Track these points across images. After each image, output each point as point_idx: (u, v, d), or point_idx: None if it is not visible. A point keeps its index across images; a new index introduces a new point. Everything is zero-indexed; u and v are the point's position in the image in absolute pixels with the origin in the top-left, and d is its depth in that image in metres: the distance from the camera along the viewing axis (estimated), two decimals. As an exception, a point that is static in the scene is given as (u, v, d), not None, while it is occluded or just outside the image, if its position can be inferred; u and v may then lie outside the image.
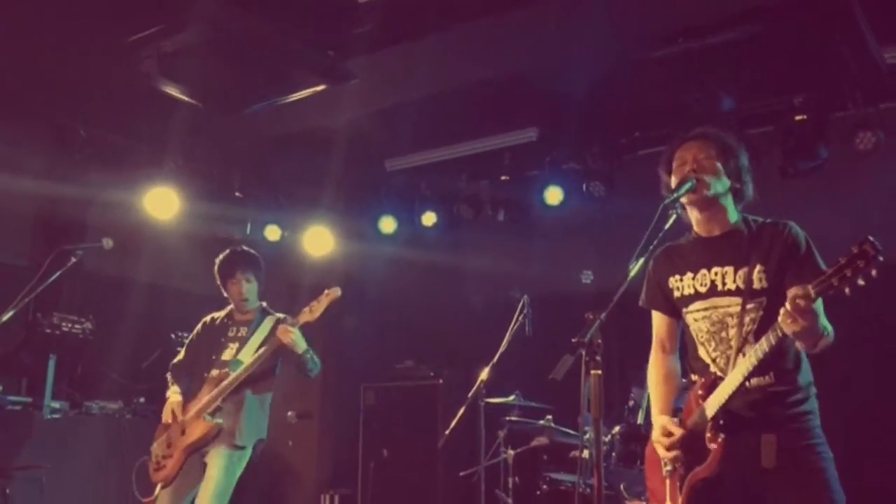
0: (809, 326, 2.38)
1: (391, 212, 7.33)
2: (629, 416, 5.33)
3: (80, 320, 5.64)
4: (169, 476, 4.43)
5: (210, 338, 4.78)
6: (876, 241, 2.26)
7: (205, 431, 4.39)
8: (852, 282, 2.27)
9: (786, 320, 2.39)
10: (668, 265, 2.97)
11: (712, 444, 2.68)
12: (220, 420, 4.41)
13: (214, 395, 4.43)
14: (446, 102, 5.86)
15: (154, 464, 4.55)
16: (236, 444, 4.43)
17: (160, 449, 4.56)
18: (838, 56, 4.92)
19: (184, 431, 4.48)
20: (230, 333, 4.74)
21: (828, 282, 2.32)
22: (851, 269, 2.27)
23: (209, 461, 4.41)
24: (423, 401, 6.88)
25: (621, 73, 5.36)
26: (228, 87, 5.31)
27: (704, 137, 2.90)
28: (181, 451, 4.44)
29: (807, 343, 2.51)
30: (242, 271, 4.72)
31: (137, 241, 6.50)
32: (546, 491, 5.28)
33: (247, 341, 4.62)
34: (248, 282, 4.74)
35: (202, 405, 4.46)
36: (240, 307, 4.79)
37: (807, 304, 2.35)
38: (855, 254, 2.27)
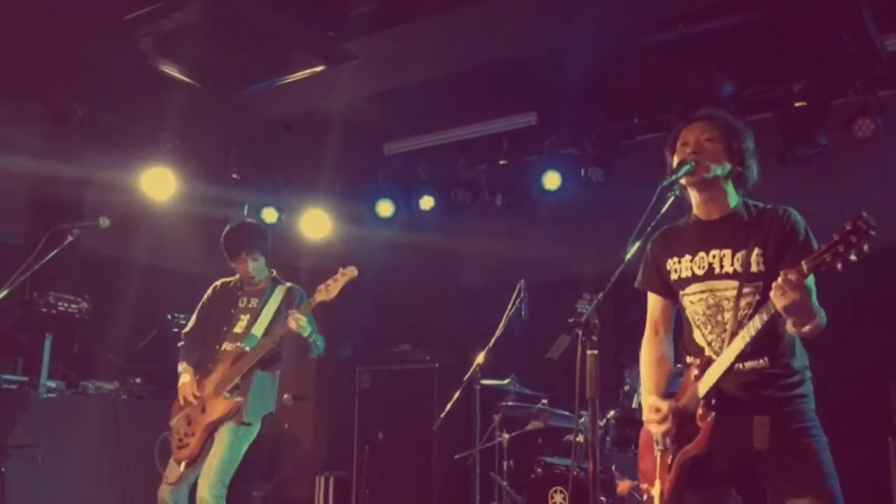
0: (800, 302, 2.37)
1: (389, 195, 7.32)
2: (624, 401, 5.35)
3: (76, 300, 5.63)
4: (193, 454, 4.49)
5: (221, 305, 4.80)
6: (870, 217, 2.25)
7: (227, 409, 4.45)
8: (845, 257, 2.27)
9: (776, 293, 2.39)
10: (666, 247, 2.97)
11: (702, 423, 2.69)
12: (240, 398, 4.46)
13: (233, 372, 4.48)
14: (445, 86, 5.84)
15: (177, 441, 4.59)
16: (243, 421, 4.47)
17: (181, 426, 4.59)
18: (838, 43, 4.91)
19: (204, 409, 4.52)
20: (241, 304, 4.76)
21: (821, 257, 2.32)
22: (844, 245, 2.26)
23: (216, 436, 4.46)
24: (418, 384, 6.89)
25: (621, 58, 5.35)
26: (226, 67, 5.28)
27: (710, 119, 2.88)
28: (203, 429, 4.49)
29: (798, 321, 2.48)
30: (248, 251, 4.71)
31: (134, 222, 6.48)
32: (540, 474, 5.30)
33: (258, 313, 4.64)
34: (255, 260, 4.74)
35: (220, 382, 4.50)
36: (248, 282, 4.81)
37: (797, 278, 2.35)
38: (848, 230, 2.27)
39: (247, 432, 4.52)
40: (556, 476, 5.20)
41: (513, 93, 6.09)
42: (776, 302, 2.40)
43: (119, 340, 6.30)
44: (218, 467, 4.36)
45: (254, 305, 4.71)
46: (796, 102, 5.39)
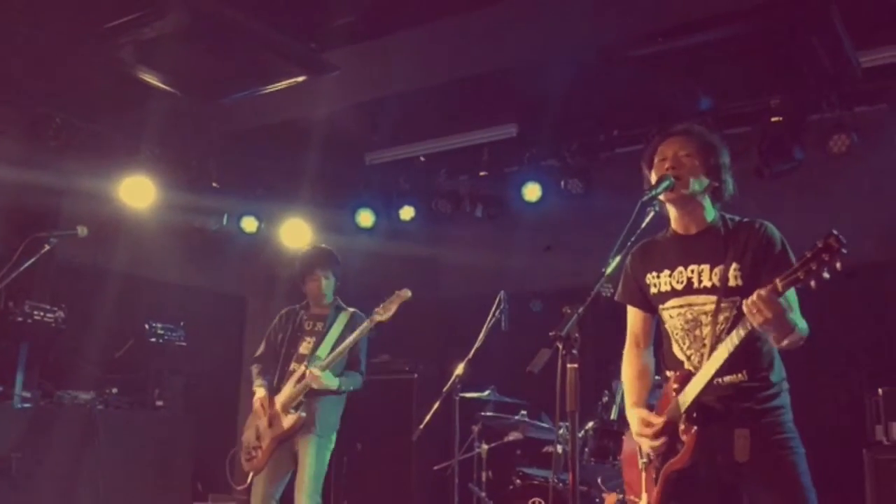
0: (774, 319, 2.40)
1: (369, 205, 7.32)
2: (603, 412, 5.37)
3: (52, 309, 5.57)
4: (260, 465, 4.82)
5: (287, 331, 5.08)
6: (840, 235, 2.29)
7: (291, 424, 4.76)
8: (818, 275, 2.31)
9: (751, 310, 2.42)
10: (646, 262, 2.99)
11: (685, 436, 2.71)
12: (304, 413, 4.76)
13: (299, 389, 4.78)
14: (426, 97, 5.86)
15: (245, 454, 4.93)
16: (318, 434, 4.80)
17: (251, 440, 4.92)
18: (814, 59, 4.98)
19: (271, 424, 4.83)
20: (307, 327, 5.06)
21: (794, 275, 2.35)
22: (817, 263, 2.30)
23: (300, 450, 4.80)
24: (398, 395, 6.88)
25: (601, 71, 5.39)
26: (207, 75, 5.26)
27: (686, 134, 2.91)
28: (270, 442, 4.81)
29: (775, 337, 2.53)
30: (322, 269, 5.03)
31: (112, 231, 6.43)
32: (519, 486, 5.30)
33: (324, 336, 4.94)
34: (327, 279, 5.04)
35: (286, 399, 4.81)
36: (317, 302, 5.09)
37: (770, 296, 2.38)
38: (820, 248, 2.30)
39: (327, 442, 4.86)
40: (535, 487, 5.19)
41: (493, 104, 6.12)
42: (751, 320, 2.44)
43: (96, 350, 6.24)
44: (310, 478, 4.70)
45: (319, 329, 5.02)
46: (773, 117, 5.46)
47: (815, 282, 2.32)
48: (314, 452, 4.76)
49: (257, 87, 5.44)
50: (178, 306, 6.70)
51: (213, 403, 7.14)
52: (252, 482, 4.88)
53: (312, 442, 4.78)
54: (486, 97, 5.96)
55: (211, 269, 7.50)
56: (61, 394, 5.57)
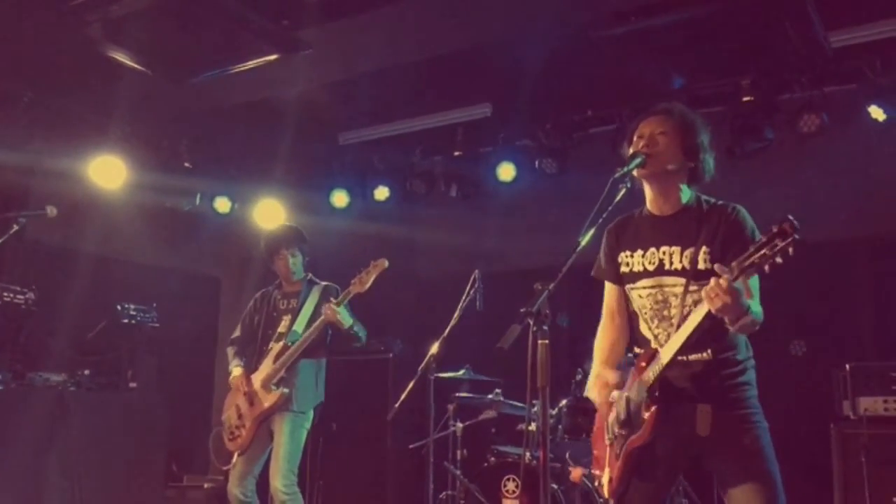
0: (730, 304, 2.43)
1: (343, 186, 7.29)
2: (576, 390, 5.42)
3: (22, 290, 5.50)
4: (244, 444, 4.86)
5: (263, 313, 5.13)
6: (794, 220, 2.32)
7: (273, 401, 4.78)
8: (771, 259, 2.34)
9: (708, 297, 2.46)
10: (620, 240, 3.01)
11: (647, 413, 2.75)
12: (287, 389, 4.80)
13: (277, 366, 4.82)
14: (400, 76, 5.83)
15: (228, 433, 4.96)
16: (294, 410, 4.82)
17: (232, 420, 4.95)
18: (785, 39, 5.01)
19: (252, 402, 4.86)
20: (281, 306, 5.10)
21: (749, 260, 2.38)
22: (770, 248, 2.33)
23: (275, 428, 4.83)
24: (373, 375, 6.88)
25: (574, 50, 5.39)
26: (178, 54, 5.20)
27: (666, 113, 2.92)
28: (253, 421, 4.84)
29: (730, 320, 2.56)
30: (287, 247, 5.07)
31: (83, 211, 6.35)
32: (494, 463, 5.35)
33: (299, 312, 4.99)
34: (294, 256, 5.09)
35: (266, 376, 4.84)
36: (288, 279, 5.14)
37: (726, 283, 2.42)
38: (775, 232, 2.33)
39: (303, 420, 4.87)
40: (509, 464, 5.25)
41: (468, 84, 6.10)
42: (708, 304, 2.48)
43: (67, 331, 6.17)
44: (285, 458, 4.72)
45: (293, 305, 5.06)
46: (744, 97, 5.49)
47: (769, 266, 2.36)
48: (289, 430, 4.79)
49: (229, 66, 5.37)
50: (151, 287, 6.64)
51: (188, 384, 7.11)
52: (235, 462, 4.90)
53: (288, 419, 4.81)
54: (461, 76, 5.94)
55: (184, 249, 7.44)
56: (32, 375, 5.51)
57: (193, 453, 7.04)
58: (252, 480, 4.90)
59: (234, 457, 4.92)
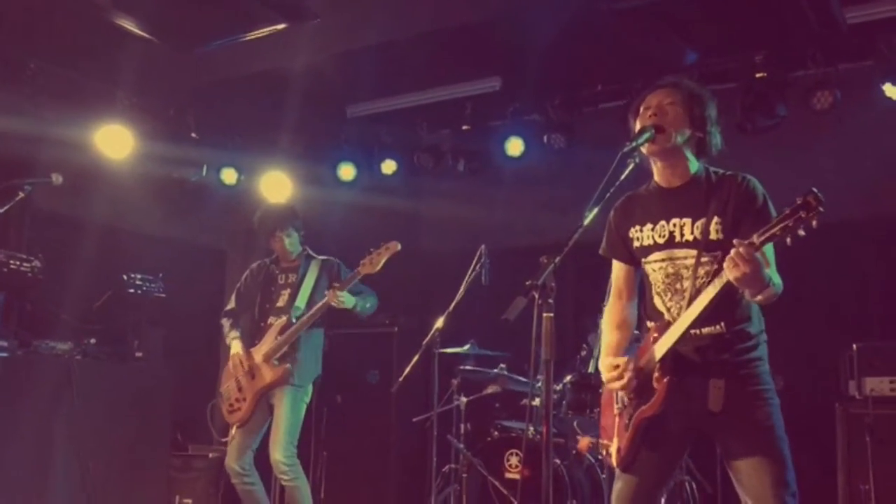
0: (752, 274, 2.41)
1: (350, 158, 7.24)
2: (580, 366, 5.42)
3: (28, 258, 5.49)
4: (244, 418, 4.92)
5: (259, 286, 5.16)
6: (819, 192, 2.29)
7: (276, 376, 4.85)
8: (794, 231, 2.32)
9: (728, 265, 2.43)
10: (629, 215, 2.99)
11: (657, 385, 2.74)
12: (289, 364, 4.85)
13: (281, 341, 4.86)
14: (408, 48, 5.76)
15: (228, 406, 5.01)
16: (295, 384, 4.88)
17: (232, 392, 4.99)
18: (800, 15, 4.93)
19: (253, 376, 4.91)
20: (280, 281, 5.15)
21: (771, 231, 2.37)
22: (794, 220, 2.31)
23: (275, 402, 4.89)
24: (378, 348, 6.90)
25: (585, 24, 5.32)
26: (185, 22, 5.15)
27: (674, 85, 2.90)
28: (253, 395, 4.89)
29: (751, 292, 2.55)
30: (281, 229, 5.10)
31: (89, 180, 6.33)
32: (497, 437, 5.36)
33: (299, 287, 5.03)
34: (289, 236, 5.11)
35: (269, 350, 4.88)
36: (285, 258, 5.20)
37: (748, 251, 2.39)
38: (798, 204, 2.31)
39: (303, 394, 4.94)
40: (513, 439, 5.26)
41: (477, 57, 6.03)
42: (728, 274, 2.45)
43: (74, 300, 6.17)
44: (285, 430, 4.78)
45: (293, 280, 5.09)
46: (757, 73, 5.42)
47: (790, 238, 2.34)
48: (290, 404, 4.85)
49: (237, 35, 5.33)
50: (157, 258, 6.62)
51: (193, 355, 7.13)
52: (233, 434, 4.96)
53: (289, 393, 4.86)
54: (470, 49, 5.87)
55: (190, 220, 7.43)
56: (38, 344, 5.52)
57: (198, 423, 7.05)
58: (250, 454, 4.95)
59: (232, 429, 4.96)
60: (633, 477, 2.86)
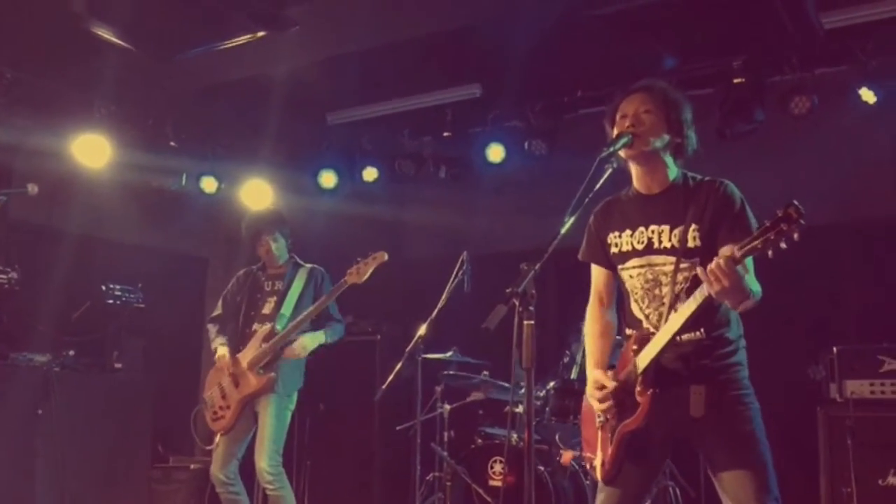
0: (732, 287, 2.42)
1: (332, 166, 7.22)
2: (563, 372, 5.41)
3: (5, 270, 5.43)
4: (228, 425, 4.86)
5: (245, 293, 5.10)
6: (800, 205, 2.29)
7: (261, 384, 4.79)
8: (776, 244, 2.31)
9: (709, 279, 2.43)
10: (608, 221, 2.99)
11: (641, 398, 2.73)
12: (273, 374, 4.79)
13: (266, 349, 4.80)
14: (389, 55, 5.76)
15: (212, 413, 4.96)
16: (280, 392, 4.84)
17: (216, 399, 4.94)
18: (777, 20, 4.97)
19: (237, 383, 4.85)
20: (266, 288, 5.10)
21: (752, 244, 2.36)
22: (775, 233, 2.30)
23: (260, 410, 4.84)
24: (361, 356, 6.86)
25: (565, 30, 5.34)
26: (163, 30, 5.12)
27: (648, 90, 2.89)
28: (237, 403, 4.84)
29: (731, 303, 2.56)
30: (268, 233, 5.06)
31: (66, 190, 6.28)
32: (481, 445, 5.35)
33: (285, 294, 4.97)
34: (275, 241, 5.07)
35: (254, 358, 4.82)
36: (271, 264, 5.14)
37: (728, 265, 2.39)
38: (779, 217, 2.30)
39: (288, 403, 4.90)
40: (497, 446, 5.25)
41: (457, 64, 6.04)
42: (709, 288, 2.45)
43: (51, 312, 6.11)
44: (270, 438, 4.74)
45: (279, 288, 5.03)
46: (735, 78, 5.46)
47: (772, 251, 2.33)
48: (275, 412, 4.81)
49: (215, 43, 5.29)
50: (137, 267, 6.58)
51: (174, 365, 7.07)
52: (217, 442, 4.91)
53: (273, 401, 4.82)
54: (450, 56, 5.88)
55: (170, 229, 7.38)
56: (16, 356, 5.47)
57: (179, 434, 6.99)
58: (235, 463, 4.90)
59: (216, 437, 4.92)
60: (616, 489, 2.85)
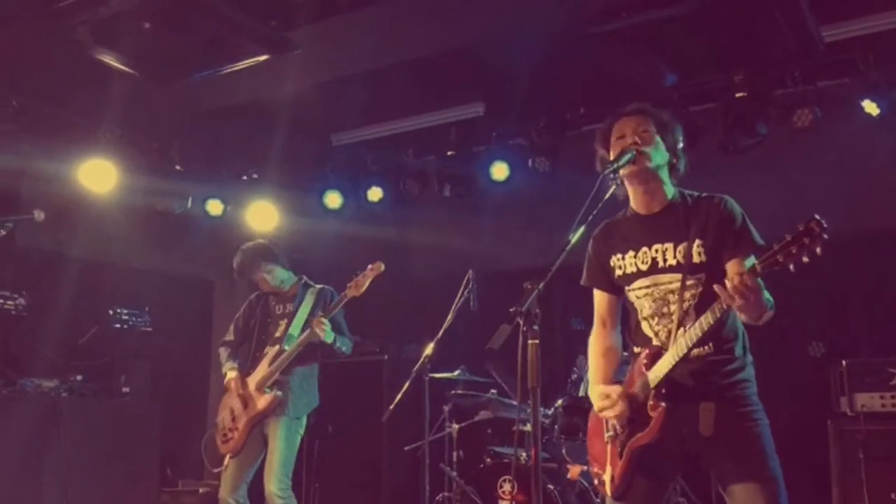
0: (755, 301, 2.43)
1: (337, 187, 7.25)
2: (571, 389, 5.39)
3: (13, 296, 5.46)
4: (236, 447, 4.83)
5: (257, 316, 5.11)
6: (822, 219, 2.29)
7: (267, 404, 4.77)
8: (797, 258, 2.31)
9: (731, 295, 2.43)
10: (609, 244, 2.99)
11: (653, 413, 2.72)
12: (280, 392, 4.78)
13: (273, 369, 4.81)
14: (392, 76, 5.80)
15: (221, 436, 4.95)
16: (289, 415, 4.81)
17: (226, 422, 4.94)
18: (777, 34, 4.99)
19: (246, 405, 4.86)
20: (277, 311, 5.09)
21: (773, 258, 2.36)
22: (797, 247, 2.30)
23: (270, 433, 4.81)
24: (368, 376, 6.85)
25: (567, 48, 5.37)
26: (167, 55, 5.16)
27: (642, 113, 2.92)
28: (245, 424, 4.83)
29: (751, 317, 2.56)
30: (258, 268, 5.01)
31: (73, 215, 6.31)
32: (490, 464, 5.32)
33: (294, 316, 4.95)
34: (269, 273, 5.01)
35: (261, 378, 4.84)
36: (278, 292, 5.11)
37: (752, 280, 2.40)
38: (801, 231, 2.31)
39: (297, 426, 4.87)
40: (506, 465, 5.21)
41: (460, 83, 6.07)
42: (731, 303, 2.46)
43: (59, 337, 6.13)
44: (280, 462, 4.71)
45: (289, 310, 5.02)
46: (737, 93, 5.46)
47: (793, 265, 2.33)
48: (284, 435, 4.78)
49: (218, 67, 5.35)
50: (143, 291, 6.60)
51: (181, 388, 7.07)
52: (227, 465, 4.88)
53: (283, 424, 4.80)
54: (453, 75, 5.91)
55: (176, 253, 7.40)
56: (24, 381, 5.47)
57: (188, 458, 6.99)
58: (244, 487, 4.87)
59: (225, 459, 4.90)
60: None
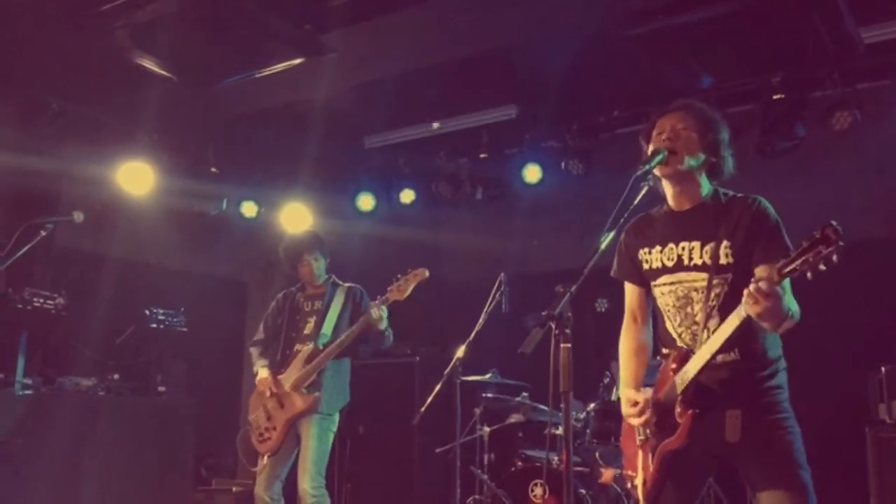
0: (772, 308, 2.37)
1: (369, 189, 7.29)
2: (604, 393, 5.35)
3: (52, 296, 5.55)
4: (275, 447, 4.87)
5: (285, 315, 5.16)
6: (838, 225, 2.23)
7: (306, 405, 4.81)
8: (814, 266, 2.25)
9: (748, 301, 2.39)
10: (639, 237, 2.97)
11: (681, 418, 2.70)
12: (318, 393, 4.82)
13: (310, 369, 4.84)
14: (425, 79, 5.81)
15: (258, 435, 4.97)
16: (322, 412, 4.84)
17: (261, 422, 4.96)
18: (816, 35, 4.92)
19: (283, 405, 4.88)
20: (306, 308, 5.13)
21: (791, 266, 2.30)
22: (813, 255, 2.24)
23: (302, 431, 4.84)
24: (399, 378, 6.86)
25: (600, 50, 5.34)
26: (203, 59, 5.23)
27: (686, 109, 2.87)
28: (283, 424, 4.85)
29: (770, 324, 2.50)
30: (309, 252, 5.10)
31: (111, 216, 6.42)
32: (521, 467, 5.29)
33: (325, 314, 5.00)
34: (317, 261, 5.11)
35: (297, 379, 4.85)
36: (312, 283, 5.17)
37: (769, 287, 2.35)
38: (817, 238, 2.24)
39: (330, 423, 4.91)
40: (537, 469, 5.19)
41: (493, 86, 6.07)
42: (748, 310, 2.41)
43: (97, 336, 6.22)
44: (313, 460, 4.75)
45: (318, 307, 5.07)
46: (775, 95, 5.40)
47: (811, 273, 2.27)
48: (317, 434, 4.82)
49: (254, 71, 5.40)
50: (179, 292, 6.67)
51: (216, 388, 7.15)
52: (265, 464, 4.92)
53: (316, 422, 4.83)
54: (486, 78, 5.90)
55: (211, 254, 7.49)
56: (63, 380, 5.56)
57: (222, 457, 7.07)
58: (279, 484, 4.91)
59: (262, 458, 4.93)
60: None
